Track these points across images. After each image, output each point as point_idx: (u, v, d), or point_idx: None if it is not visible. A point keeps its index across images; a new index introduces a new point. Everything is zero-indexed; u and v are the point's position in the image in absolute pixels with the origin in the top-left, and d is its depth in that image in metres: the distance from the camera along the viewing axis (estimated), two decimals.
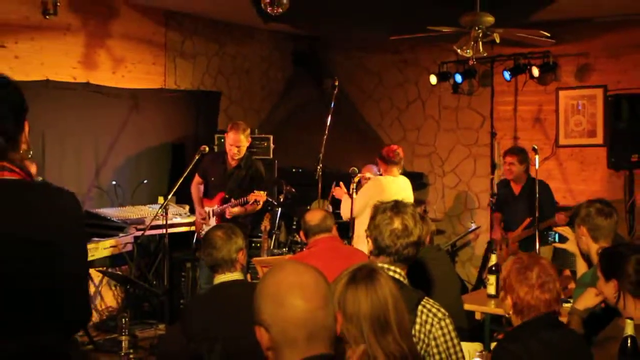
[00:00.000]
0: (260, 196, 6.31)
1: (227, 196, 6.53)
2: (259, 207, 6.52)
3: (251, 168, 6.63)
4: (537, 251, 6.25)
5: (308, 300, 1.83)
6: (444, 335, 2.82)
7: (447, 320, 2.85)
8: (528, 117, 8.52)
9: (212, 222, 6.48)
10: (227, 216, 6.47)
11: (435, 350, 2.79)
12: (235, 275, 3.77)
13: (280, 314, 1.83)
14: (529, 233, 6.70)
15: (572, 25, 7.95)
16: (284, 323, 1.82)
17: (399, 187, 6.39)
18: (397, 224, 2.98)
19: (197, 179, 6.73)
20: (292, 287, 1.85)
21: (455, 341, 2.84)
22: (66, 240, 2.09)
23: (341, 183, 6.57)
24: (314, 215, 4.53)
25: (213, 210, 6.58)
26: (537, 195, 6.37)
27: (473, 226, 8.54)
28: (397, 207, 3.03)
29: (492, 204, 7.44)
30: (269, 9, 6.01)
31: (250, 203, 6.33)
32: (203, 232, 6.20)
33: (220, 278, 3.77)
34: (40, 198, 2.13)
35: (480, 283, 7.97)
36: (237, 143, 6.43)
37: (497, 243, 7.13)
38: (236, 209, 6.42)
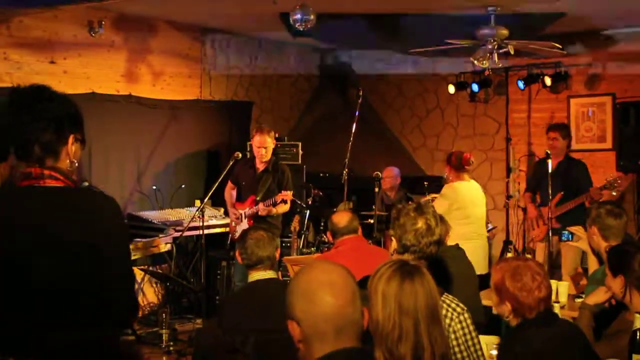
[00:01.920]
0: (287, 195, 6.34)
1: (258, 198, 6.57)
2: (287, 206, 6.53)
3: (278, 171, 6.66)
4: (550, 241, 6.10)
5: (337, 297, 1.86)
6: (462, 329, 2.83)
7: (466, 315, 2.86)
8: (541, 123, 8.46)
9: (245, 224, 6.52)
10: (261, 213, 6.49)
11: (454, 343, 2.80)
12: (270, 274, 3.81)
13: (311, 309, 1.86)
14: (564, 209, 6.45)
15: (582, 37, 7.91)
16: (315, 318, 1.85)
17: (472, 191, 6.35)
18: (420, 223, 3.01)
19: (229, 184, 6.77)
20: (322, 284, 1.87)
21: (474, 334, 2.85)
22: (108, 241, 2.10)
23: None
24: (342, 217, 4.54)
25: (245, 213, 6.62)
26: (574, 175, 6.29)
27: (490, 226, 8.48)
28: (420, 208, 3.06)
29: (528, 183, 7.25)
30: (297, 25, 6.05)
31: (278, 203, 6.36)
32: (237, 234, 6.25)
33: (256, 275, 3.80)
34: (83, 203, 2.14)
35: None
36: (263, 144, 6.46)
37: (531, 221, 6.92)
38: (266, 210, 6.45)
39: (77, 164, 2.23)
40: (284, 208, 6.54)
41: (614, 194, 6.13)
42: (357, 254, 4.37)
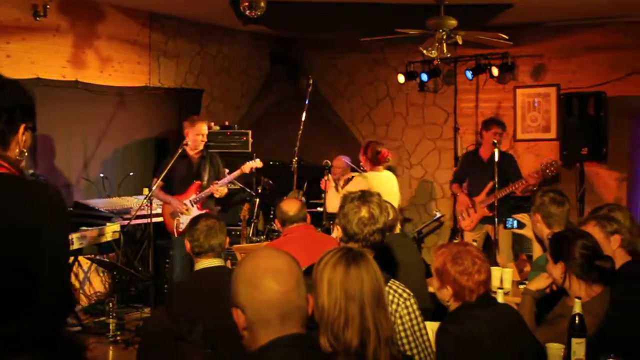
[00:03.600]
0: (258, 164, 6.71)
1: (204, 183, 6.59)
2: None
3: (212, 157, 6.82)
4: (496, 235, 6.23)
5: (281, 284, 1.85)
6: (409, 314, 2.85)
7: (412, 300, 2.88)
8: (488, 113, 8.57)
9: (195, 211, 6.47)
10: (217, 195, 6.61)
11: (400, 328, 2.82)
12: (218, 261, 3.78)
13: (256, 296, 1.85)
14: (496, 197, 6.50)
15: (528, 28, 8.04)
16: (259, 305, 1.85)
17: (382, 181, 6.61)
18: (364, 212, 3.01)
19: (157, 182, 6.53)
20: (267, 271, 1.87)
21: (420, 319, 2.87)
22: (46, 230, 2.07)
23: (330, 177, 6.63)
24: (292, 206, 4.54)
25: (192, 200, 6.59)
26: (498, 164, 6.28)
27: (438, 214, 8.60)
28: (364, 196, 3.06)
29: (456, 175, 7.33)
30: (247, 12, 6.01)
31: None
32: (183, 225, 6.21)
33: (204, 263, 3.77)
34: (23, 190, 2.12)
35: None
36: (204, 132, 6.63)
37: (462, 211, 7.02)
38: (223, 188, 6.62)
39: (26, 154, 2.20)
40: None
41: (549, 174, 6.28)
42: (306, 241, 4.38)
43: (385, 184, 6.65)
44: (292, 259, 1.93)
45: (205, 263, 3.81)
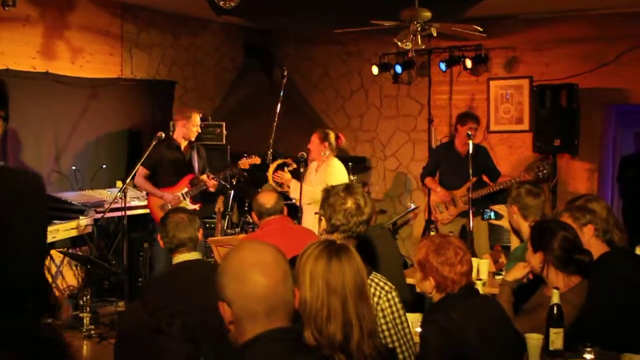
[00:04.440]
0: (257, 160, 6.70)
1: (197, 176, 6.53)
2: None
3: (200, 149, 6.78)
4: (471, 226, 6.28)
5: (268, 277, 1.83)
6: (390, 307, 2.85)
7: (394, 293, 2.88)
8: (462, 105, 8.63)
9: (189, 204, 6.48)
10: (211, 189, 6.60)
11: (382, 321, 2.82)
12: (194, 255, 3.75)
13: (242, 290, 1.83)
14: (480, 194, 6.59)
15: (501, 21, 8.08)
16: (246, 299, 1.83)
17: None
18: (350, 203, 3.03)
19: (143, 171, 6.48)
20: (253, 264, 1.85)
21: (401, 312, 2.87)
22: (24, 216, 2.02)
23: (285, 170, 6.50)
24: (268, 198, 4.52)
25: (185, 193, 6.51)
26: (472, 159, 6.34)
27: (412, 206, 8.62)
28: (349, 188, 3.07)
29: (427, 168, 7.30)
30: (221, 3, 5.94)
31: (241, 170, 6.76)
32: None
33: (180, 257, 3.74)
34: (3, 179, 2.07)
35: None
36: (199, 122, 6.63)
37: (439, 204, 7.02)
38: (215, 184, 6.61)
39: None
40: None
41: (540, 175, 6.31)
42: (284, 233, 4.37)
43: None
44: (279, 251, 1.91)
45: (181, 257, 3.78)
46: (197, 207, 6.54)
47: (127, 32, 7.98)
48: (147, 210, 7.12)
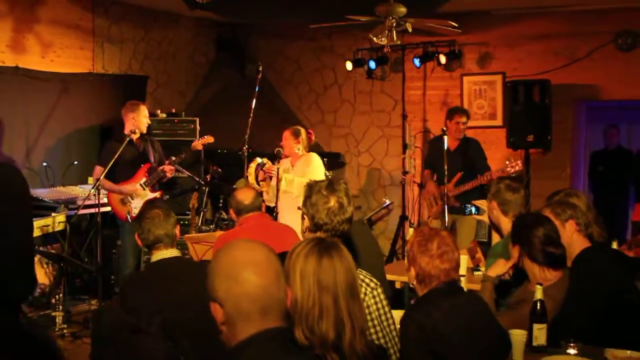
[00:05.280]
0: (210, 139, 6.81)
1: (154, 165, 6.52)
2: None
3: (153, 141, 6.79)
4: (446, 219, 6.30)
5: (261, 276, 1.80)
6: (376, 303, 2.83)
7: (379, 290, 2.86)
8: (436, 100, 8.66)
9: (148, 193, 6.44)
10: (169, 175, 6.59)
11: (368, 318, 2.80)
12: (173, 252, 3.68)
13: (235, 289, 1.79)
14: (462, 189, 6.62)
15: (475, 16, 8.11)
16: (238, 298, 1.79)
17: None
18: (333, 202, 2.99)
19: (102, 170, 6.27)
20: (246, 264, 1.81)
21: (387, 309, 2.86)
22: (9, 212, 1.97)
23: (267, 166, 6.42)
24: (247, 195, 4.47)
25: (144, 183, 6.47)
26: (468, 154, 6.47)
27: (387, 202, 8.63)
28: (331, 185, 3.03)
29: (424, 161, 7.34)
30: None
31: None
32: (135, 209, 6.09)
33: (159, 255, 3.66)
34: None
35: (393, 254, 8.08)
36: (147, 114, 6.60)
37: (430, 199, 7.04)
38: (172, 166, 6.60)
39: None
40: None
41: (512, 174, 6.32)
42: (262, 230, 4.33)
43: None
44: (271, 250, 1.87)
45: (159, 255, 3.71)
46: (157, 194, 6.50)
47: (98, 26, 7.86)
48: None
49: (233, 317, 1.79)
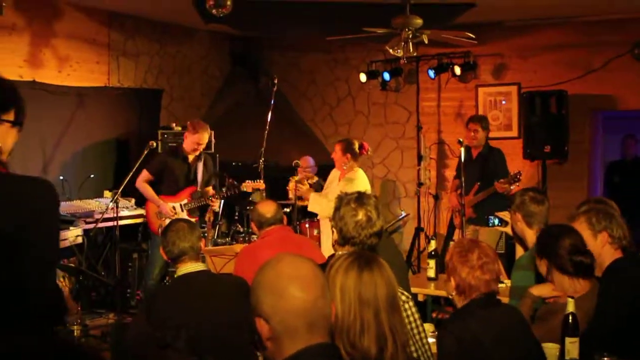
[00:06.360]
0: (261, 185, 6.65)
1: (199, 190, 6.46)
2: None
3: (207, 160, 6.68)
4: (464, 229, 6.25)
5: (307, 291, 1.78)
6: (407, 317, 2.81)
7: (411, 303, 2.85)
8: (450, 112, 8.65)
9: (184, 215, 6.39)
10: (214, 208, 6.65)
11: None
12: (199, 265, 3.67)
13: (281, 305, 1.77)
14: (476, 200, 6.63)
15: (489, 28, 8.11)
16: (285, 314, 1.77)
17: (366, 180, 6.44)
18: (361, 215, 2.96)
19: (147, 176, 6.45)
20: (291, 278, 1.79)
21: (419, 322, 2.84)
22: (36, 229, 1.97)
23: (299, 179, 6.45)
24: (268, 208, 4.46)
25: (184, 205, 6.45)
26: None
27: (403, 214, 8.61)
28: (360, 198, 3.01)
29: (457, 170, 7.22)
30: (213, 10, 5.90)
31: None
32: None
33: (185, 268, 3.65)
34: (11, 187, 2.01)
35: (409, 266, 8.04)
36: (203, 142, 6.44)
37: (453, 211, 7.03)
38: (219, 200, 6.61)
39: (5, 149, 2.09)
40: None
41: (512, 188, 6.29)
42: (284, 243, 4.33)
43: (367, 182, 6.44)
44: (316, 265, 1.85)
45: (184, 269, 3.70)
46: (193, 220, 6.47)
47: (113, 40, 7.90)
48: (136, 221, 7.05)
49: (279, 333, 1.77)
